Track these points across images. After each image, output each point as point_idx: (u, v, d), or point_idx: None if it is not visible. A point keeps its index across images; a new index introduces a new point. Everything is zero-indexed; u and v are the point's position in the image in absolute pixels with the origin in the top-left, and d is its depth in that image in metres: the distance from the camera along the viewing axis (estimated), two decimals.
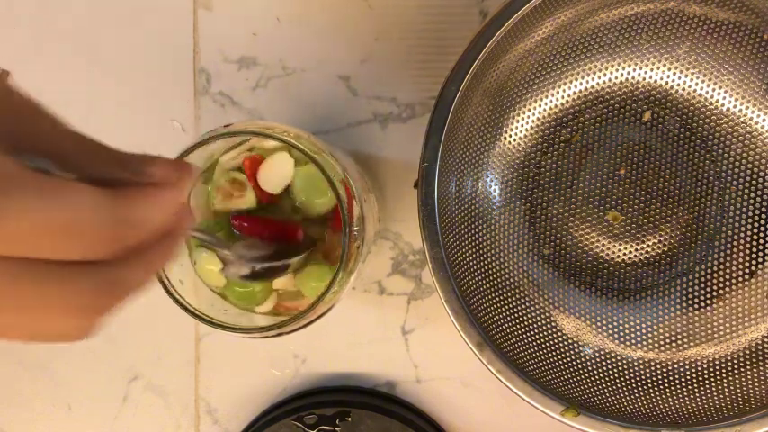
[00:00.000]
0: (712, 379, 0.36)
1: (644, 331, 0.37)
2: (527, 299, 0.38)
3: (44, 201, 0.15)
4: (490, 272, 0.37)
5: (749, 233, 0.37)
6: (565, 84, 0.38)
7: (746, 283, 0.37)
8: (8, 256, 0.15)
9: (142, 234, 0.17)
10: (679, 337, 0.37)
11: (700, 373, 0.36)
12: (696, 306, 0.37)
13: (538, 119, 0.39)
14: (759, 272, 0.37)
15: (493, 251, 0.38)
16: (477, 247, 0.37)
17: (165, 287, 0.31)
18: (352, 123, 0.42)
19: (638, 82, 0.38)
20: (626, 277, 0.39)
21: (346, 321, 0.42)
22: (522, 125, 0.38)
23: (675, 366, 0.36)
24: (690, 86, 0.37)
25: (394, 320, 0.42)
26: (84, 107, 0.43)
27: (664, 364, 0.37)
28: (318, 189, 0.33)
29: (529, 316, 0.37)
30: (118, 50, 0.42)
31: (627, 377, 0.36)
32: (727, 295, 0.37)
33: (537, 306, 0.38)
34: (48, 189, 0.15)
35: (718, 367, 0.36)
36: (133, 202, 0.17)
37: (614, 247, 0.39)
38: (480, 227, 0.38)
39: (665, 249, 0.38)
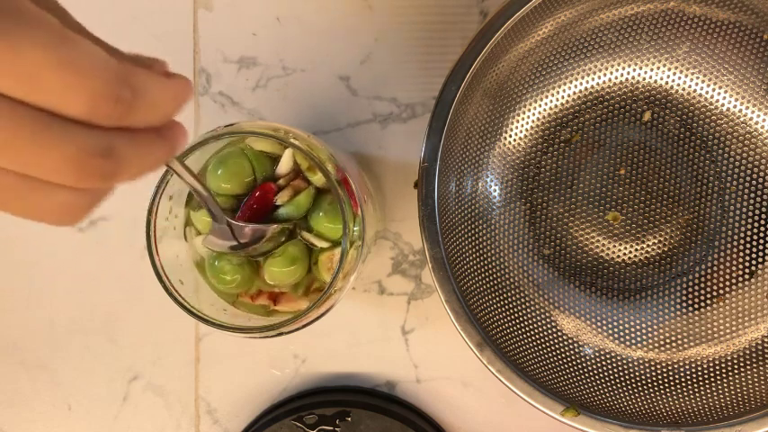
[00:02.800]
0: (712, 379, 0.36)
1: (644, 331, 0.37)
2: (527, 299, 0.38)
3: (57, 39, 0.15)
4: (490, 272, 0.37)
5: (749, 233, 0.37)
6: (565, 84, 0.38)
7: (746, 283, 0.37)
8: (12, 98, 0.15)
9: (141, 113, 0.17)
10: (679, 337, 0.37)
11: (700, 373, 0.36)
12: (696, 306, 0.37)
13: (538, 119, 0.39)
14: (759, 272, 0.37)
15: (493, 251, 0.38)
16: (477, 247, 0.37)
17: (165, 287, 0.31)
18: (352, 123, 0.42)
19: (638, 82, 0.38)
20: (626, 277, 0.39)
21: (346, 321, 0.42)
22: (522, 125, 0.38)
23: (675, 366, 0.36)
24: (690, 86, 0.37)
25: (394, 320, 0.42)
26: None
27: (664, 364, 0.37)
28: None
29: (529, 316, 0.37)
30: None
31: (627, 377, 0.36)
32: (727, 295, 0.37)
33: (537, 306, 0.38)
34: (61, 32, 0.15)
35: (718, 367, 0.36)
36: (138, 71, 0.17)
37: (614, 247, 0.39)
38: (480, 227, 0.38)
39: (665, 249, 0.38)
